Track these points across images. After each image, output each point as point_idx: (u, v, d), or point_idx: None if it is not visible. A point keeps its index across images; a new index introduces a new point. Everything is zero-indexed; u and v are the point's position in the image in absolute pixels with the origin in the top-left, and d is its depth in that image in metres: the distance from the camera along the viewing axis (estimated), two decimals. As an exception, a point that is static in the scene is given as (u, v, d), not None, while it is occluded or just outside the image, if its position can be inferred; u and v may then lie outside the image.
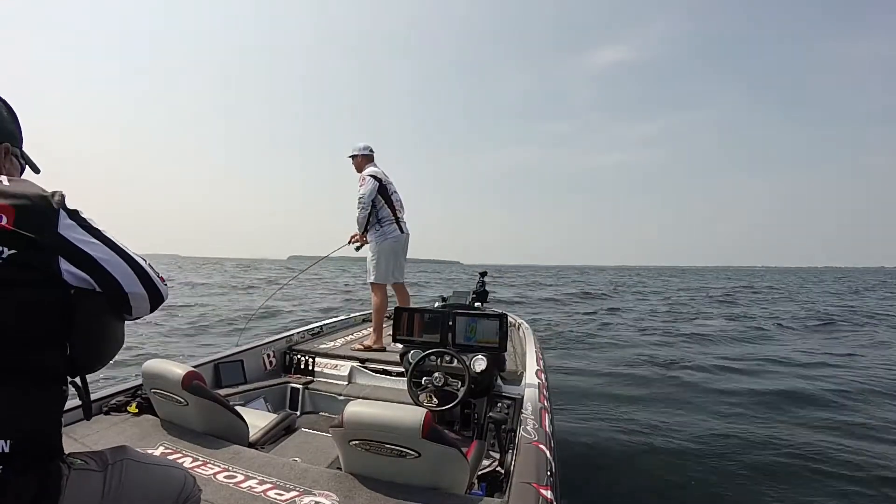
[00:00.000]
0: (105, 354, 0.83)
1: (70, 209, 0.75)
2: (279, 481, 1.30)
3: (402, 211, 3.52)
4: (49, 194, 0.74)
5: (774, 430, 3.55)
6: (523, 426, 1.68)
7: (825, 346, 7.59)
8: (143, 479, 0.86)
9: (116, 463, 0.82)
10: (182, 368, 1.62)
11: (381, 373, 2.80)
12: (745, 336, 8.63)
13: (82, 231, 0.75)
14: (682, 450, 3.18)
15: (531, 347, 2.96)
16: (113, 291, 0.78)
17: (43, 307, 0.70)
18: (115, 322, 0.83)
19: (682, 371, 5.59)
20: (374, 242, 3.42)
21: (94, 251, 0.76)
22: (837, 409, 4.19)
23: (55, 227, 0.72)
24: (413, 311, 2.43)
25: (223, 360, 2.59)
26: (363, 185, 3.33)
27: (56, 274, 0.71)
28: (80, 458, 0.79)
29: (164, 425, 1.68)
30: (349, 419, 1.26)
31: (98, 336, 0.80)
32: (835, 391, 4.67)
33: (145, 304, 0.85)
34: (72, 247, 0.73)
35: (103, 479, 0.78)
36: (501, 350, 2.21)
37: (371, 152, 3.54)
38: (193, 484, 0.97)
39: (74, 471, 0.75)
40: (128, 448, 0.89)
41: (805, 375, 5.40)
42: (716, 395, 4.57)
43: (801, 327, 9.98)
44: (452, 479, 1.31)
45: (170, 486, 0.91)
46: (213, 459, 1.44)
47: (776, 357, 6.45)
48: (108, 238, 0.79)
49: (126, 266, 0.80)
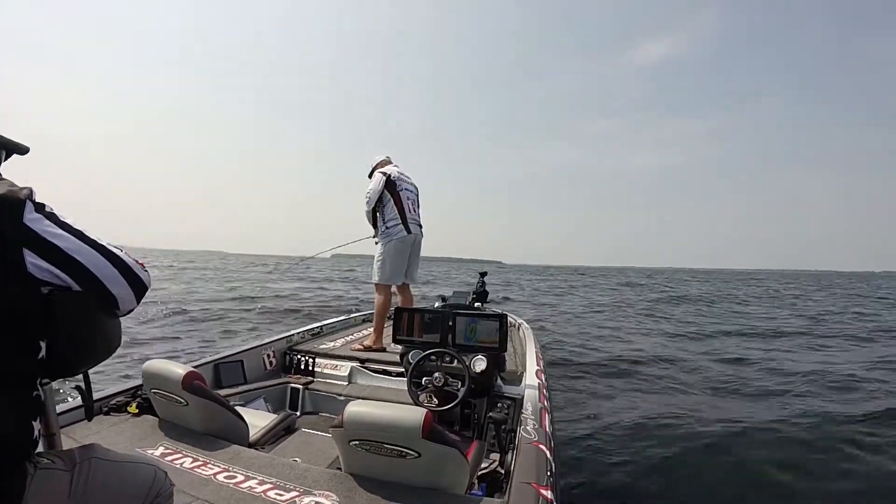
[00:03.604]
0: (93, 355, 0.80)
1: (37, 202, 0.72)
2: (279, 481, 1.30)
3: (412, 211, 3.44)
4: (17, 188, 0.71)
5: (788, 427, 3.54)
6: (523, 426, 1.68)
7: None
8: (112, 477, 0.84)
9: (84, 462, 0.81)
10: (182, 369, 1.62)
11: (382, 373, 2.80)
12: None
13: (49, 223, 0.71)
14: (683, 449, 3.17)
15: (531, 348, 2.96)
16: (90, 284, 0.75)
17: (8, 303, 0.67)
18: (102, 319, 0.80)
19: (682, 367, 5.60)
20: (380, 243, 3.41)
21: (62, 242, 0.71)
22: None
23: (20, 218, 0.68)
24: (413, 312, 2.43)
25: (223, 360, 2.59)
26: (372, 181, 3.37)
27: (21, 267, 0.67)
28: (48, 457, 0.77)
29: (164, 426, 1.68)
30: (349, 419, 1.26)
31: (83, 336, 0.77)
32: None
33: (130, 296, 0.81)
34: (37, 237, 0.69)
35: (70, 477, 0.77)
36: (501, 350, 2.21)
37: (387, 158, 3.55)
38: (165, 478, 0.96)
39: (40, 470, 0.73)
40: (96, 446, 0.88)
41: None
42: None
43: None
44: (452, 480, 1.31)
45: (139, 483, 0.89)
46: (213, 460, 1.44)
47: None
48: (77, 230, 0.75)
49: (99, 256, 0.76)
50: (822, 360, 6.42)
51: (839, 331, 9.53)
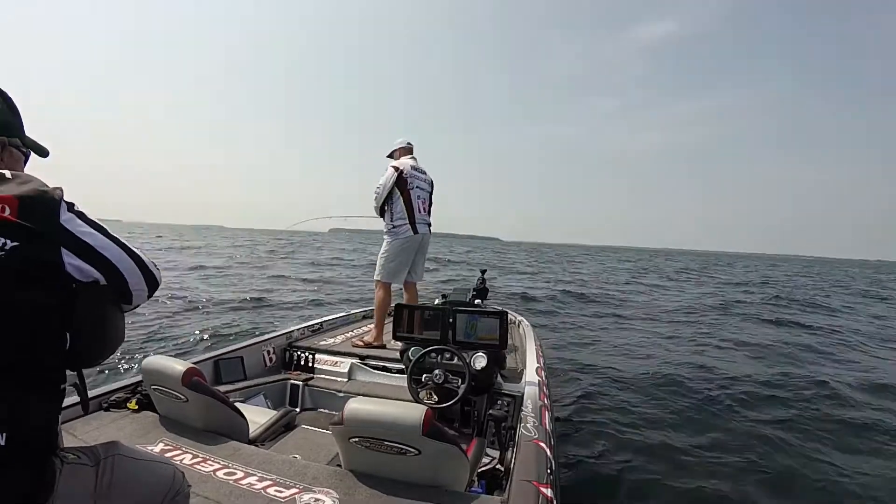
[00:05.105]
0: (108, 347, 0.83)
1: (68, 202, 0.76)
2: (279, 478, 1.30)
3: (422, 211, 3.39)
4: (49, 188, 0.74)
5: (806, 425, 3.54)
6: (523, 424, 1.69)
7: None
8: (134, 475, 0.86)
9: (108, 458, 0.82)
10: (182, 365, 1.62)
11: (382, 370, 2.80)
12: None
13: (81, 223, 0.76)
14: (685, 449, 3.18)
15: (531, 345, 2.96)
16: (114, 280, 0.79)
17: (45, 301, 0.70)
18: (115, 314, 0.84)
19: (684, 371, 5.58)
20: (385, 240, 3.39)
21: (93, 240, 0.76)
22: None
23: (57, 218, 0.72)
24: (413, 309, 2.43)
25: (223, 356, 2.59)
26: (384, 175, 3.30)
27: (59, 266, 0.71)
28: (73, 452, 0.79)
29: (163, 422, 1.68)
30: (349, 416, 1.26)
31: (101, 329, 0.80)
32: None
33: (144, 291, 0.86)
34: (74, 237, 0.73)
35: (95, 473, 0.79)
36: (502, 347, 2.21)
37: (409, 145, 3.50)
38: (183, 479, 0.98)
39: (67, 465, 0.75)
40: (119, 443, 0.89)
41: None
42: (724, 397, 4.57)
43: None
44: (452, 477, 1.31)
45: (160, 482, 0.92)
46: (212, 456, 1.44)
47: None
48: (104, 228, 0.80)
49: (124, 254, 0.81)
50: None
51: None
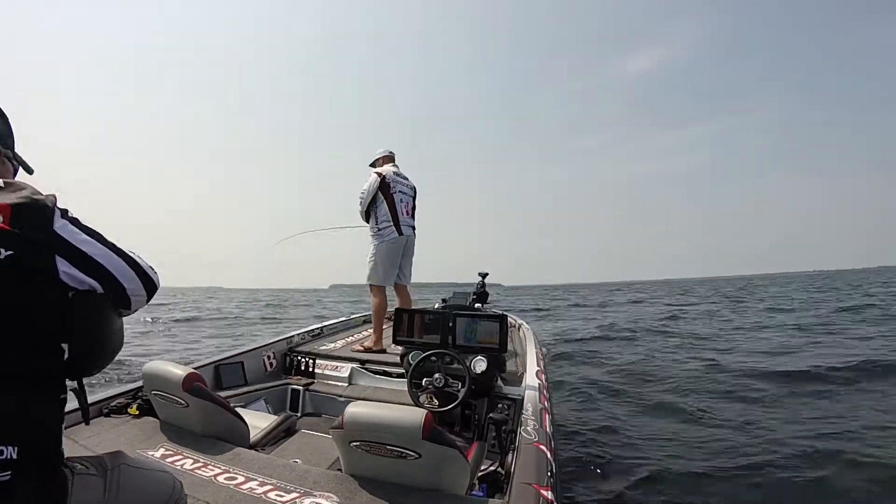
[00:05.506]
0: (107, 355, 0.83)
1: (62, 208, 0.75)
2: (280, 483, 1.31)
3: (406, 214, 3.45)
4: (42, 195, 0.74)
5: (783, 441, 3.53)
6: (524, 427, 1.68)
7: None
8: (139, 484, 0.87)
9: (115, 468, 0.83)
10: (183, 370, 1.62)
11: (382, 374, 2.80)
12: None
13: (76, 229, 0.75)
14: (687, 454, 3.17)
15: (531, 348, 2.96)
16: (112, 287, 0.79)
17: (41, 309, 0.70)
18: (114, 321, 0.84)
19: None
20: (372, 245, 3.43)
21: (89, 248, 0.75)
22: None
23: (51, 225, 0.72)
24: (413, 313, 2.43)
25: (224, 361, 2.59)
26: (367, 181, 3.37)
27: (54, 275, 0.71)
28: (81, 462, 0.79)
29: (164, 427, 1.68)
30: (350, 420, 1.26)
31: (99, 337, 0.80)
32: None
33: (143, 296, 0.86)
34: (68, 245, 0.73)
35: (104, 483, 0.79)
36: (502, 351, 2.21)
37: (390, 153, 3.57)
38: (181, 488, 1.00)
39: (77, 475, 0.75)
40: (123, 453, 0.90)
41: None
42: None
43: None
44: (453, 481, 1.31)
45: (162, 491, 0.93)
46: (213, 461, 1.44)
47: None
48: (99, 234, 0.79)
49: (119, 260, 0.80)
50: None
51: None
